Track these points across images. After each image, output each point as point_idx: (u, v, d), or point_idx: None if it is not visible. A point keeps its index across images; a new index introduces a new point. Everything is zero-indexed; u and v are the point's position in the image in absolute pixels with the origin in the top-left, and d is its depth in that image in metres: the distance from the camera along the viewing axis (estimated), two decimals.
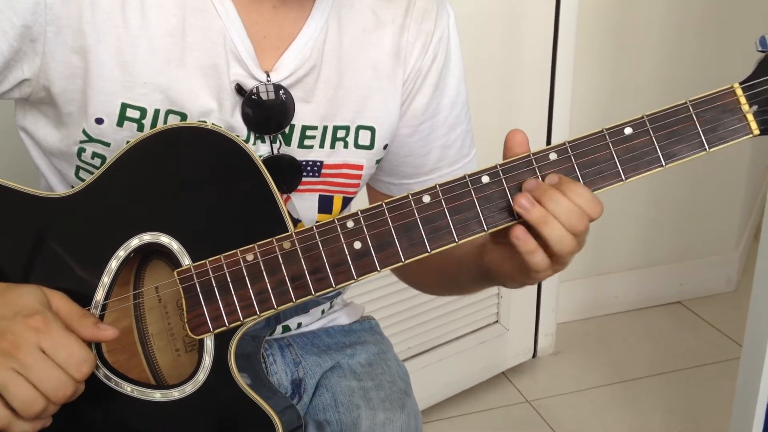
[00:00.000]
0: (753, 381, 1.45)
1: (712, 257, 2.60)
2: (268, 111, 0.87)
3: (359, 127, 0.93)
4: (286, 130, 0.89)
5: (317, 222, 0.81)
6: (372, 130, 0.94)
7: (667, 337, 2.43)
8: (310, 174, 0.92)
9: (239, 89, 0.86)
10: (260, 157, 0.89)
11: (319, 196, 0.94)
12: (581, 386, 2.20)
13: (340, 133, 0.92)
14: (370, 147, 0.94)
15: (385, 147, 0.96)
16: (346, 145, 0.93)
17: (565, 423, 2.06)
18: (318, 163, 0.92)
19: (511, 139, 0.79)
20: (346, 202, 0.97)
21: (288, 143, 0.90)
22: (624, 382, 2.21)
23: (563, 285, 2.33)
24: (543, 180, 0.77)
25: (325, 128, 0.91)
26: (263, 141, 0.89)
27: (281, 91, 0.87)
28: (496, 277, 0.85)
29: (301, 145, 0.90)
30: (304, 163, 0.91)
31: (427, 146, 0.99)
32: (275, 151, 0.89)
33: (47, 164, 0.91)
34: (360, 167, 0.94)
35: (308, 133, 0.90)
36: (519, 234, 0.75)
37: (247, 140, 0.88)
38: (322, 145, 0.91)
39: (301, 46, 0.88)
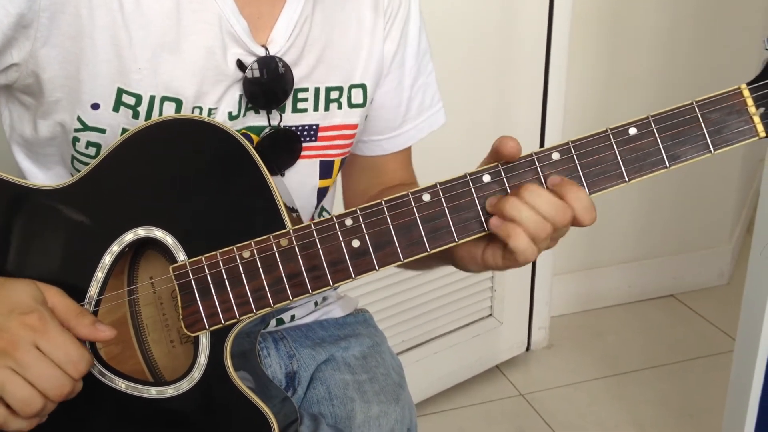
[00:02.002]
0: (746, 374, 1.46)
1: (705, 250, 2.60)
2: (269, 84, 0.87)
3: (352, 86, 0.93)
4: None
5: (315, 220, 0.81)
6: (363, 87, 0.94)
7: (660, 330, 2.43)
8: (307, 139, 0.92)
9: (240, 65, 0.85)
10: (262, 131, 0.89)
11: (320, 161, 0.94)
12: (575, 379, 2.20)
13: (334, 95, 0.92)
14: (363, 104, 0.95)
15: (371, 101, 0.97)
16: (340, 106, 0.93)
17: (559, 416, 2.07)
18: (314, 127, 0.92)
19: (502, 146, 0.77)
20: (342, 163, 0.98)
21: (282, 110, 0.90)
22: (617, 375, 2.22)
23: (557, 278, 2.33)
24: (546, 180, 0.76)
25: (317, 90, 0.91)
26: (257, 112, 0.88)
27: (280, 63, 0.87)
28: (465, 264, 0.84)
29: (295, 110, 0.91)
30: (300, 128, 0.91)
31: (396, 98, 0.99)
32: (271, 123, 0.89)
33: (38, 166, 0.90)
34: (354, 126, 0.95)
35: (300, 95, 0.90)
36: (496, 223, 0.75)
37: (237, 116, 0.87)
38: (316, 108, 0.92)
39: (291, 14, 0.88)
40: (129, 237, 0.79)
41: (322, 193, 0.96)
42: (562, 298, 2.44)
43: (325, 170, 0.95)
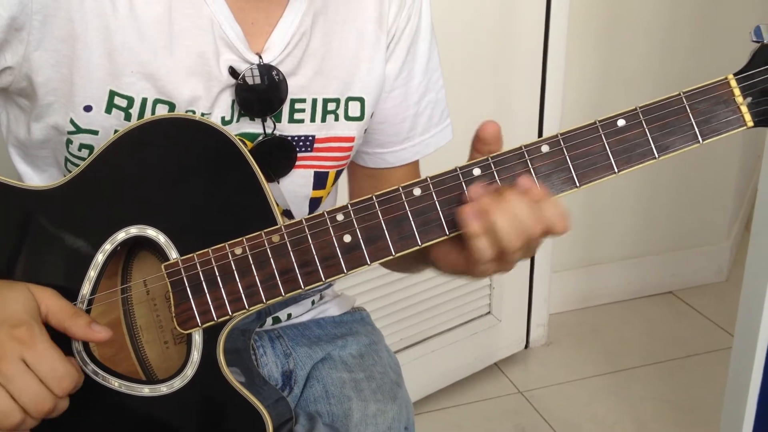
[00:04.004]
0: (744, 370, 1.46)
1: (703, 247, 2.60)
2: (263, 93, 0.86)
3: (349, 99, 0.93)
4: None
5: (308, 215, 0.81)
6: (361, 100, 0.93)
7: (659, 327, 2.43)
8: (303, 149, 0.91)
9: (233, 72, 0.85)
10: (257, 138, 0.88)
11: (314, 172, 0.94)
12: (574, 376, 2.20)
13: (331, 106, 0.92)
14: (361, 118, 0.94)
15: (371, 115, 0.96)
16: (336, 118, 0.92)
17: (558, 413, 2.06)
18: (310, 138, 0.91)
19: (484, 131, 0.77)
20: (338, 175, 0.97)
21: (278, 119, 0.89)
22: (616, 372, 2.22)
23: (555, 276, 2.33)
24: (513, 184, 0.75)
25: (315, 101, 0.91)
26: (252, 119, 0.88)
27: (274, 72, 0.86)
28: (439, 266, 0.84)
29: (291, 120, 0.90)
30: (296, 138, 0.91)
31: (400, 114, 0.98)
32: (266, 130, 0.89)
33: (33, 168, 0.90)
34: (351, 139, 0.94)
35: (297, 106, 0.90)
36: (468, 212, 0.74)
37: (231, 121, 0.87)
38: (313, 119, 0.91)
39: (289, 24, 0.88)
40: (121, 236, 0.79)
41: (314, 202, 0.96)
42: (561, 295, 2.44)
43: (319, 181, 0.94)
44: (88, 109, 0.82)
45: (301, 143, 0.91)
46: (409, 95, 0.98)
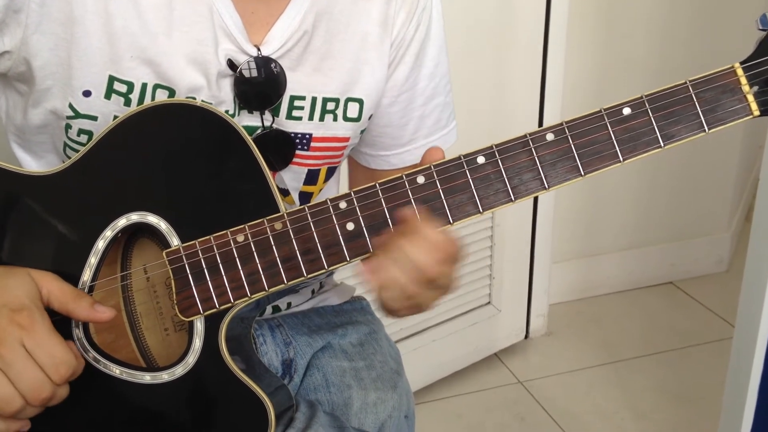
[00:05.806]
0: (745, 361, 1.46)
1: (704, 237, 2.60)
2: (261, 86, 0.86)
3: (348, 100, 0.92)
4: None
5: (309, 203, 0.80)
6: (360, 102, 0.93)
7: (659, 317, 2.43)
8: (299, 147, 0.91)
9: (231, 64, 0.85)
10: (255, 131, 0.88)
11: (308, 170, 0.93)
12: (573, 367, 2.20)
13: (330, 105, 0.91)
14: (358, 119, 0.93)
15: (370, 117, 0.96)
16: (335, 118, 0.92)
17: (558, 403, 2.07)
18: (307, 136, 0.91)
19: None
20: (330, 172, 0.96)
21: (277, 113, 0.89)
22: (616, 362, 2.22)
23: (555, 266, 2.33)
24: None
25: (314, 99, 0.90)
26: (251, 112, 0.88)
27: (273, 65, 0.86)
28: None
29: (289, 116, 0.90)
30: (294, 135, 0.90)
31: (405, 117, 0.98)
32: (265, 123, 0.88)
33: (31, 155, 0.90)
34: (346, 139, 0.94)
35: (296, 103, 0.89)
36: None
37: (234, 114, 0.87)
38: (311, 117, 0.91)
39: (291, 19, 0.87)
40: (122, 222, 0.79)
41: (304, 196, 0.96)
42: (561, 285, 2.44)
43: (311, 178, 0.94)
44: (87, 94, 0.82)
45: (298, 141, 0.91)
46: (414, 98, 0.97)
